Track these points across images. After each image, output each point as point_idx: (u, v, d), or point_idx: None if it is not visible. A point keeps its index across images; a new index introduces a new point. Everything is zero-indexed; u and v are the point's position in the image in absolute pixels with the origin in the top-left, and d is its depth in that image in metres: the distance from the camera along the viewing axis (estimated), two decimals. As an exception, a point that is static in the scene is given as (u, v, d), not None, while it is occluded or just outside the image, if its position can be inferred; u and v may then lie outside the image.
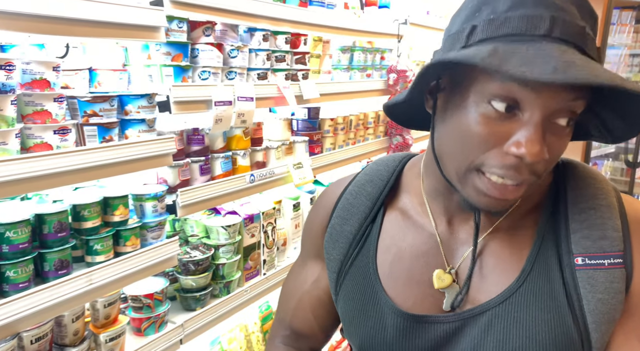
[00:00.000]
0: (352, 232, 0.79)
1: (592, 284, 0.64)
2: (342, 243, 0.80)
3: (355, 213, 0.80)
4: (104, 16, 1.12)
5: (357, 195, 0.81)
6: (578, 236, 0.66)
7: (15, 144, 1.02)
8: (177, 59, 1.41)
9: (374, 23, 2.21)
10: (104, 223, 1.25)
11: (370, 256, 0.77)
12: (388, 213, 0.79)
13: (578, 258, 0.65)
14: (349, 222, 0.80)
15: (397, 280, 0.74)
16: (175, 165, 1.41)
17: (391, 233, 0.77)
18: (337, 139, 2.12)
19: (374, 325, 0.73)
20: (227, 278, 1.60)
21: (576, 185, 0.69)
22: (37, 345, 1.09)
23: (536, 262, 0.67)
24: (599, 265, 0.64)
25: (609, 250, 0.64)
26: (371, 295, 0.74)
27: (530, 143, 0.56)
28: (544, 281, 0.66)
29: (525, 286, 0.66)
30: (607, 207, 0.66)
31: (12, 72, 1.01)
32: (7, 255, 1.04)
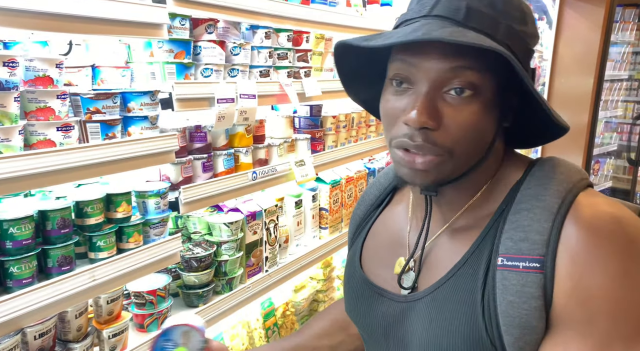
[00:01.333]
0: (360, 216, 0.93)
1: (505, 285, 0.63)
2: (353, 226, 0.94)
3: (366, 200, 0.93)
4: (107, 13, 1.13)
5: (372, 185, 0.94)
6: (505, 236, 0.65)
7: (19, 141, 1.03)
8: (180, 56, 1.41)
9: (376, 20, 2.20)
10: (106, 219, 1.25)
11: (362, 238, 0.89)
12: (392, 203, 0.89)
13: (499, 258, 0.65)
14: (360, 208, 0.94)
15: (373, 261, 0.85)
16: (178, 162, 1.41)
17: (384, 220, 0.88)
18: (339, 137, 2.12)
19: (353, 292, 0.85)
20: (229, 275, 1.60)
21: (528, 185, 0.68)
22: (40, 341, 1.10)
23: (470, 258, 0.69)
24: (514, 267, 0.63)
25: (527, 252, 0.63)
26: (353, 270, 0.87)
27: (413, 111, 0.62)
28: (470, 277, 0.67)
29: (453, 281, 0.69)
30: (542, 208, 0.64)
31: (15, 68, 1.01)
32: (10, 251, 1.05)
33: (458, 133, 0.63)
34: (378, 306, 0.79)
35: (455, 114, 0.63)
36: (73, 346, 1.19)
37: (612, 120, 4.77)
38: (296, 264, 1.89)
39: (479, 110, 0.63)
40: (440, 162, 0.65)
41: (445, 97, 0.63)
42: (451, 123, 0.63)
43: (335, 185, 2.10)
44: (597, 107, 3.82)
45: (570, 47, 3.79)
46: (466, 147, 0.65)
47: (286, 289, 2.08)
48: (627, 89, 4.86)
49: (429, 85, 0.63)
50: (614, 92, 4.58)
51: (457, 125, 0.63)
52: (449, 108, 0.63)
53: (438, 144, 0.64)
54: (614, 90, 4.57)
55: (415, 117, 0.62)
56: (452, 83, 0.62)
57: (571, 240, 0.61)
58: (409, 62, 0.64)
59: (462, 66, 0.61)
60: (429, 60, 0.62)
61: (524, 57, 0.66)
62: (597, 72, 3.73)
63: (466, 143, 0.64)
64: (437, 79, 0.63)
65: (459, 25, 0.61)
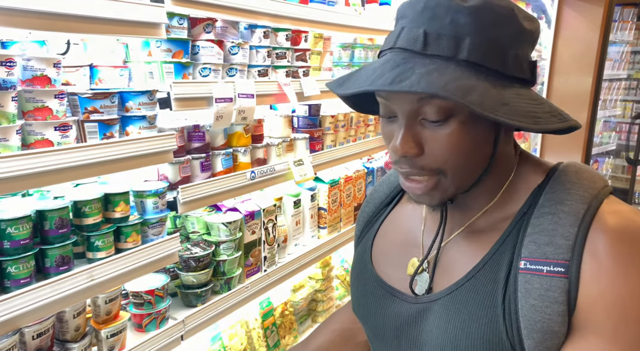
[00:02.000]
0: (369, 213, 0.93)
1: (528, 289, 0.63)
2: (361, 222, 0.94)
3: (375, 198, 0.94)
4: (105, 13, 1.12)
5: (382, 183, 0.95)
6: (528, 240, 0.65)
7: (16, 140, 1.02)
8: (178, 55, 1.41)
9: (375, 20, 2.20)
10: (105, 219, 1.25)
11: (372, 235, 0.88)
12: (404, 200, 0.90)
13: (522, 262, 0.65)
14: (369, 205, 0.94)
15: (385, 259, 0.84)
16: (176, 161, 1.41)
17: (395, 219, 0.88)
18: (338, 136, 2.12)
19: (362, 291, 0.84)
20: (227, 274, 1.60)
21: (552, 189, 0.68)
22: (38, 341, 1.10)
23: (490, 261, 0.69)
24: (538, 271, 0.63)
25: (552, 257, 0.63)
26: (364, 268, 0.86)
27: (396, 140, 0.66)
28: (490, 280, 0.67)
29: (471, 283, 0.69)
30: (567, 213, 0.64)
31: (13, 68, 1.01)
32: (8, 251, 1.04)
33: (443, 155, 0.65)
34: (390, 306, 0.78)
35: (434, 139, 0.65)
36: (71, 346, 1.19)
37: (611, 120, 4.78)
38: (295, 264, 1.89)
39: (458, 129, 0.65)
40: (437, 183, 0.67)
41: (424, 124, 0.66)
42: (433, 148, 0.66)
43: (334, 185, 2.10)
44: (596, 106, 3.82)
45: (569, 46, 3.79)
46: (458, 164, 0.66)
47: (285, 289, 2.08)
48: (626, 88, 4.87)
49: (405, 117, 0.66)
50: (612, 91, 4.59)
51: (439, 147, 0.65)
52: (428, 134, 0.66)
53: (425, 168, 0.67)
54: (612, 89, 4.58)
55: (397, 147, 0.66)
56: (423, 112, 0.65)
57: (598, 247, 0.61)
58: (385, 98, 0.68)
59: (427, 96, 0.63)
60: (399, 95, 0.66)
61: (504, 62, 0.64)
62: (596, 71, 3.73)
63: (456, 161, 0.66)
64: (410, 109, 0.65)
65: (417, 55, 0.63)
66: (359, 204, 2.31)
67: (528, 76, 0.67)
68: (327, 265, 2.23)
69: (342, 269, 2.44)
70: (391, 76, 0.61)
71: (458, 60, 0.62)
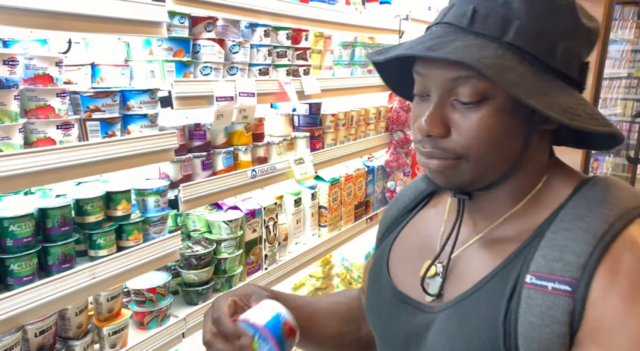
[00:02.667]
0: (392, 217, 0.90)
1: (529, 305, 0.60)
2: (382, 226, 0.91)
3: (399, 202, 0.90)
4: (106, 12, 1.13)
5: (408, 187, 0.91)
6: (539, 253, 0.62)
7: (19, 139, 1.03)
8: (179, 54, 1.41)
9: (375, 19, 2.21)
10: (106, 217, 1.26)
11: (391, 240, 0.85)
12: (428, 206, 0.86)
13: (528, 276, 0.61)
14: (392, 209, 0.91)
15: (401, 265, 0.81)
16: (177, 160, 1.42)
17: (416, 224, 0.84)
18: (338, 135, 2.12)
19: (376, 296, 0.81)
20: (229, 272, 1.61)
21: (575, 204, 0.64)
22: (41, 338, 1.10)
23: (500, 273, 0.65)
24: (542, 287, 0.59)
25: (559, 273, 0.59)
26: (379, 273, 0.83)
27: (423, 118, 0.64)
28: (496, 292, 0.64)
29: (478, 294, 0.66)
30: (583, 230, 0.60)
31: (15, 67, 1.01)
32: (11, 248, 1.05)
33: (468, 140, 0.63)
34: (402, 314, 0.76)
35: (463, 121, 0.63)
36: (73, 344, 1.20)
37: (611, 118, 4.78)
38: (295, 262, 1.89)
39: (490, 115, 0.62)
40: (454, 166, 0.65)
41: (455, 105, 0.64)
42: (459, 130, 0.63)
43: (334, 183, 2.11)
44: (596, 105, 3.82)
45: (569, 45, 3.78)
46: (482, 152, 0.63)
47: (285, 287, 2.08)
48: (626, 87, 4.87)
49: (438, 95, 0.64)
50: (613, 89, 4.59)
51: (465, 131, 0.63)
52: (458, 116, 0.63)
53: (448, 150, 0.64)
54: (613, 88, 4.58)
55: (422, 126, 0.64)
56: (457, 92, 0.63)
57: (615, 269, 0.57)
58: (422, 73, 0.66)
59: (464, 75, 0.61)
60: (435, 70, 0.64)
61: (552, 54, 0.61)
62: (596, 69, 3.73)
63: (480, 148, 0.63)
64: (444, 88, 0.63)
65: (461, 30, 0.62)
66: (360, 202, 2.32)
67: (575, 75, 0.63)
68: (327, 263, 2.23)
69: (342, 267, 2.44)
70: (428, 45, 0.60)
71: (502, 41, 0.60)
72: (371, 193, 2.42)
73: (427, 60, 0.64)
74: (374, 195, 2.45)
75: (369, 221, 2.38)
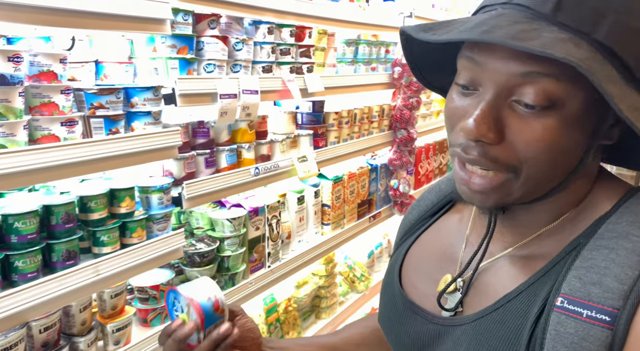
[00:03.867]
0: (411, 221, 0.83)
1: (559, 332, 0.52)
2: (401, 230, 0.85)
3: (421, 205, 0.83)
4: (110, 8, 1.13)
5: (432, 190, 0.84)
6: (573, 274, 0.54)
7: (24, 136, 1.03)
8: (183, 51, 1.41)
9: (379, 16, 2.20)
10: (110, 214, 1.26)
11: (408, 244, 0.80)
12: (450, 212, 0.78)
13: (560, 299, 0.53)
14: (413, 212, 0.84)
15: (416, 273, 0.75)
16: (181, 157, 1.42)
17: (437, 230, 0.77)
18: (342, 133, 2.12)
19: (387, 304, 0.77)
20: (232, 270, 1.61)
21: (618, 218, 0.56)
22: (45, 334, 1.10)
23: (526, 291, 0.58)
24: (576, 313, 0.51)
25: (596, 300, 0.51)
26: (391, 279, 0.78)
27: (470, 119, 0.54)
28: (520, 313, 0.57)
29: (500, 313, 0.59)
30: (629, 251, 0.52)
31: (20, 64, 1.01)
32: (15, 245, 1.05)
33: (525, 152, 0.53)
34: (411, 324, 0.71)
35: (523, 128, 0.52)
36: (77, 340, 1.20)
37: None
38: (298, 260, 1.89)
39: (557, 126, 0.52)
40: (503, 183, 0.56)
41: (514, 107, 0.53)
42: (517, 139, 0.53)
43: (337, 181, 2.11)
44: None
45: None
46: (538, 168, 0.54)
47: (288, 285, 2.08)
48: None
49: (494, 91, 0.53)
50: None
51: (524, 141, 0.53)
52: (516, 121, 0.53)
53: (499, 161, 0.54)
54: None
55: (471, 127, 0.53)
56: (522, 92, 0.52)
57: None
58: (476, 60, 0.54)
59: (538, 72, 0.50)
60: (498, 61, 0.52)
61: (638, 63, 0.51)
62: None
63: (537, 163, 0.54)
64: (505, 84, 0.52)
65: (542, 18, 0.50)
66: (363, 201, 2.31)
67: None
68: (330, 261, 2.23)
69: (345, 266, 2.44)
70: (511, 31, 0.48)
71: (591, 39, 0.49)
72: (374, 191, 2.41)
73: (489, 47, 0.53)
74: (377, 193, 2.44)
75: (372, 219, 2.38)
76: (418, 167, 2.80)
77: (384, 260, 2.72)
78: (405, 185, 2.48)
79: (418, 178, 2.81)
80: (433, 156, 2.96)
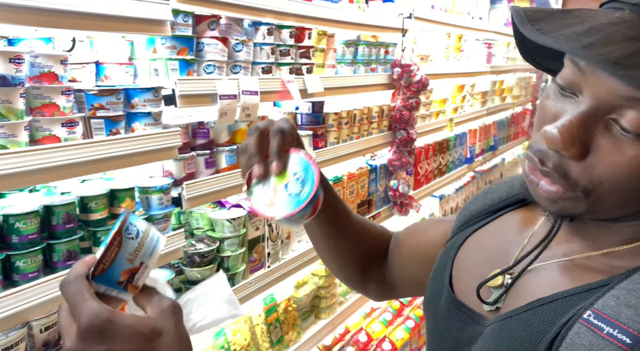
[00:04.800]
0: (472, 211, 0.78)
1: (574, 341, 0.50)
2: (460, 218, 0.80)
3: (487, 198, 0.78)
4: (111, 10, 1.13)
5: (503, 185, 0.78)
6: (612, 293, 0.51)
7: (25, 136, 1.04)
8: (183, 52, 1.42)
9: (378, 17, 2.21)
10: (110, 215, 1.27)
11: (465, 235, 0.76)
12: (517, 211, 0.74)
13: (588, 311, 0.51)
14: (477, 203, 0.79)
15: (466, 267, 0.72)
16: (181, 158, 1.42)
17: (500, 226, 0.73)
18: (341, 133, 2.12)
19: (435, 290, 0.75)
20: (231, 270, 1.62)
21: None
22: (46, 334, 1.11)
23: (562, 300, 0.55)
24: (597, 328, 0.49)
25: (624, 321, 0.48)
26: (444, 266, 0.75)
27: (559, 124, 0.49)
28: (548, 319, 0.55)
29: (527, 314, 0.57)
30: None
31: (21, 65, 1.02)
32: (16, 245, 1.06)
33: (604, 175, 0.49)
34: (454, 321, 0.68)
35: (610, 150, 0.48)
36: (78, 340, 1.21)
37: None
38: (298, 260, 1.90)
39: None
40: (570, 199, 0.53)
41: (610, 126, 0.49)
42: (599, 160, 0.49)
43: (337, 182, 2.11)
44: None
45: (572, 44, 3.76)
46: (612, 194, 0.51)
47: (288, 285, 2.09)
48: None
49: (592, 104, 0.49)
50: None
51: (607, 164, 0.49)
52: (607, 141, 0.49)
53: (571, 178, 0.51)
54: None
55: (555, 136, 0.49)
56: (621, 112, 0.47)
57: None
58: (580, 66, 0.50)
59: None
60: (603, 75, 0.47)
61: None
62: (600, 69, 3.71)
63: (611, 190, 0.50)
64: (605, 100, 0.48)
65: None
66: (362, 201, 2.32)
67: None
68: (330, 261, 2.23)
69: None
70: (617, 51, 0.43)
71: None
72: (374, 191, 2.42)
73: None
74: (377, 193, 2.45)
75: (372, 220, 2.39)
76: (417, 168, 2.81)
77: (383, 261, 2.72)
78: (404, 185, 2.49)
79: (417, 178, 2.82)
80: (433, 156, 2.97)
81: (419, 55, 2.64)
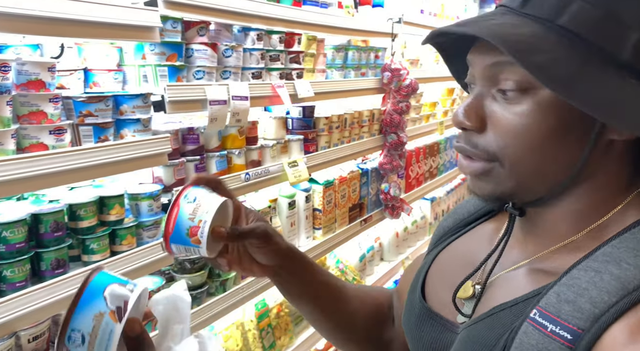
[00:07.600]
0: (445, 228, 0.82)
1: (522, 341, 0.52)
2: (435, 236, 0.83)
3: (457, 213, 0.82)
4: (99, 17, 1.13)
5: (470, 200, 0.82)
6: (555, 289, 0.53)
7: (11, 144, 1.03)
8: (172, 59, 1.41)
9: (368, 22, 2.22)
10: (100, 222, 1.26)
11: (438, 250, 0.79)
12: (486, 222, 0.76)
13: (534, 310, 0.53)
14: (449, 220, 0.82)
15: (439, 279, 0.75)
16: (171, 164, 1.42)
17: (470, 238, 0.76)
18: (332, 137, 2.13)
19: (409, 305, 0.77)
20: (222, 276, 1.61)
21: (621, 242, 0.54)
22: (34, 344, 1.10)
23: (522, 303, 0.58)
24: (541, 326, 0.51)
25: (564, 317, 0.50)
26: (417, 281, 0.78)
27: (460, 108, 0.59)
28: (506, 323, 0.57)
29: (489, 320, 0.60)
30: (614, 277, 0.50)
31: (8, 72, 1.01)
32: (3, 254, 1.05)
33: (503, 138, 0.55)
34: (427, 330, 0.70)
35: (500, 115, 0.56)
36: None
37: None
38: (290, 265, 1.89)
39: (533, 110, 0.53)
40: (488, 170, 0.58)
41: (497, 96, 0.57)
42: (495, 126, 0.56)
43: (328, 186, 2.12)
44: None
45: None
46: (518, 155, 0.55)
47: (280, 290, 2.08)
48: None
49: (479, 83, 0.59)
50: None
51: (501, 127, 0.56)
52: (495, 109, 0.57)
53: (479, 148, 0.58)
54: None
55: (454, 116, 0.59)
56: (497, 81, 0.56)
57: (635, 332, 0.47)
58: (469, 60, 0.60)
59: (505, 61, 0.53)
60: (477, 56, 0.58)
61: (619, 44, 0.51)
62: None
63: (517, 150, 0.55)
64: (485, 75, 0.57)
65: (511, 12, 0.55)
66: (354, 205, 2.32)
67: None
68: (322, 265, 2.24)
69: (337, 270, 2.45)
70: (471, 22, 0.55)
71: (555, 24, 0.52)
72: (365, 195, 2.43)
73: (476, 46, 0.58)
74: (368, 197, 2.46)
75: (364, 223, 2.39)
76: (408, 171, 2.82)
77: (375, 264, 2.73)
78: (395, 188, 2.50)
79: (409, 181, 2.83)
80: (423, 159, 2.99)
81: (409, 59, 2.66)
